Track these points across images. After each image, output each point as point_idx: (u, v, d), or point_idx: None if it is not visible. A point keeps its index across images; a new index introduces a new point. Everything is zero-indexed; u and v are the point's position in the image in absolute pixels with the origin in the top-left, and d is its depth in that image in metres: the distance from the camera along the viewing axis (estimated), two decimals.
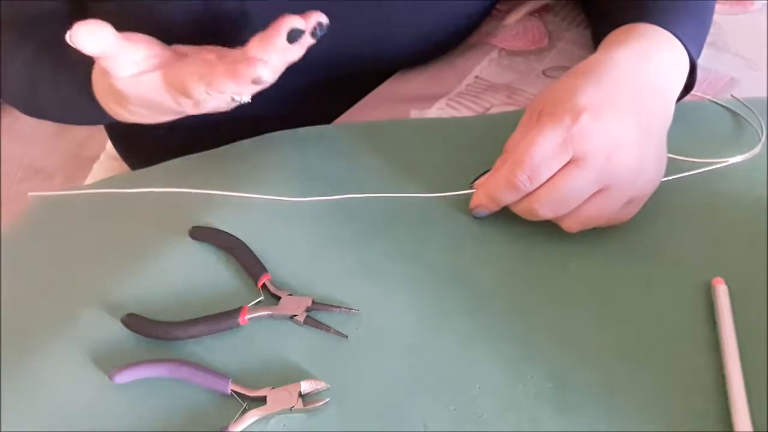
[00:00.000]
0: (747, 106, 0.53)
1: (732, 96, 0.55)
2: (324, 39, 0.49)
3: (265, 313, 0.41)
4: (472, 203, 0.46)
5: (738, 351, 0.38)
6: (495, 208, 0.45)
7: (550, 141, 0.40)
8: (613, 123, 0.41)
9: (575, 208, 0.41)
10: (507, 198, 0.43)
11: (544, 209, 0.42)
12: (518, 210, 0.43)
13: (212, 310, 0.41)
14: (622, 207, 0.42)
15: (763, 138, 0.50)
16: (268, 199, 0.48)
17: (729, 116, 0.54)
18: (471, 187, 0.46)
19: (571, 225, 0.43)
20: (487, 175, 0.45)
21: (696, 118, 0.53)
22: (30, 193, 0.51)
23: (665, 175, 0.44)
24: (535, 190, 0.41)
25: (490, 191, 0.43)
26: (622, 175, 0.41)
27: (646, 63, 0.45)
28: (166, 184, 0.51)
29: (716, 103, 0.54)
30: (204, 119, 0.62)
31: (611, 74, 0.44)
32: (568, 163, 0.40)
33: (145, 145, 0.67)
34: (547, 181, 0.41)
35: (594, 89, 0.42)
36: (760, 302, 0.41)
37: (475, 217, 0.46)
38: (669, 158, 0.45)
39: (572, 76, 0.44)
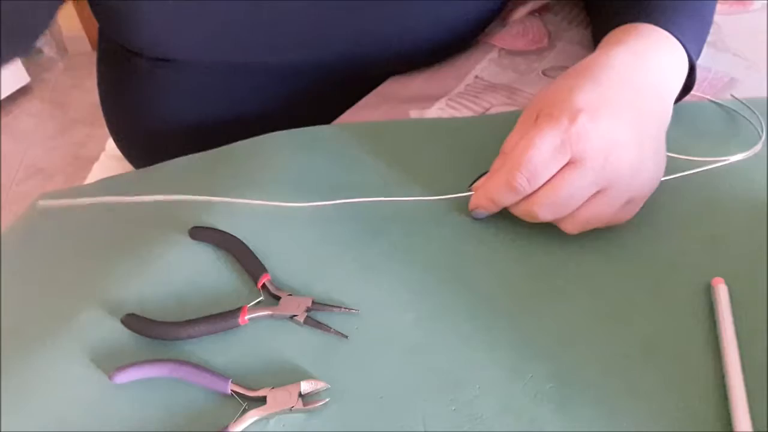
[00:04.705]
0: (747, 106, 0.53)
1: (732, 96, 0.55)
2: (333, 39, 0.48)
3: (265, 313, 0.41)
4: (471, 204, 0.46)
5: (738, 351, 0.38)
6: (494, 209, 0.44)
7: (548, 143, 0.40)
8: (611, 123, 0.41)
9: (575, 209, 0.41)
10: (506, 200, 0.43)
11: (544, 211, 0.41)
12: (517, 212, 0.43)
13: (212, 310, 0.41)
14: (621, 207, 0.42)
15: (764, 137, 0.50)
16: (268, 205, 0.48)
17: (729, 116, 0.54)
18: (469, 190, 0.46)
19: (570, 227, 0.43)
20: (485, 177, 0.45)
21: (696, 118, 0.53)
22: (40, 203, 0.51)
23: (664, 175, 0.45)
24: (534, 193, 0.41)
25: (489, 193, 0.43)
26: (620, 175, 0.41)
27: (643, 63, 0.45)
28: (166, 185, 0.51)
29: (716, 103, 0.54)
30: (206, 117, 0.63)
31: (608, 74, 0.44)
32: (567, 164, 0.40)
33: (145, 143, 0.68)
34: (546, 183, 0.41)
35: (591, 90, 0.42)
36: (760, 302, 0.41)
37: (474, 218, 0.46)
38: (669, 157, 0.45)
39: (569, 77, 0.44)
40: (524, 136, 0.41)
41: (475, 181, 0.46)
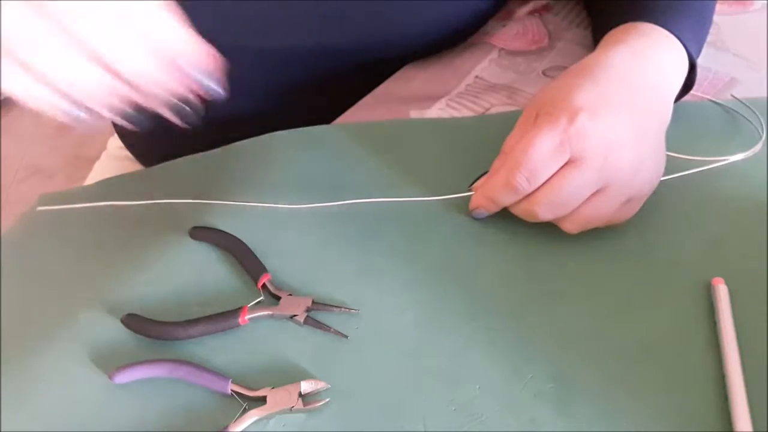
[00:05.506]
0: (747, 106, 0.53)
1: (732, 96, 0.55)
2: (332, 29, 0.48)
3: (265, 313, 0.41)
4: (471, 204, 0.46)
5: (738, 351, 0.38)
6: (494, 209, 0.44)
7: (547, 142, 0.40)
8: (610, 122, 0.41)
9: (574, 209, 0.41)
10: (506, 199, 0.43)
11: (544, 211, 0.42)
12: (517, 212, 0.43)
13: (212, 310, 0.41)
14: (621, 207, 0.42)
15: (764, 137, 0.50)
16: (268, 207, 0.48)
17: (729, 116, 0.54)
18: (469, 190, 0.46)
19: (570, 226, 0.43)
20: (485, 177, 0.45)
21: (696, 118, 0.53)
22: (39, 208, 0.51)
23: (664, 174, 0.44)
24: (534, 192, 0.41)
25: (489, 193, 0.43)
26: (620, 174, 0.41)
27: (643, 62, 0.45)
28: (167, 185, 0.51)
29: (716, 103, 0.54)
30: (217, 104, 0.62)
31: (608, 73, 0.44)
32: (566, 163, 0.40)
33: (147, 141, 0.67)
34: (546, 182, 0.41)
35: (590, 89, 0.42)
36: (760, 302, 0.41)
37: (475, 218, 0.46)
38: (669, 157, 0.45)
39: (569, 76, 0.44)
40: (524, 136, 0.41)
41: (475, 181, 0.46)
